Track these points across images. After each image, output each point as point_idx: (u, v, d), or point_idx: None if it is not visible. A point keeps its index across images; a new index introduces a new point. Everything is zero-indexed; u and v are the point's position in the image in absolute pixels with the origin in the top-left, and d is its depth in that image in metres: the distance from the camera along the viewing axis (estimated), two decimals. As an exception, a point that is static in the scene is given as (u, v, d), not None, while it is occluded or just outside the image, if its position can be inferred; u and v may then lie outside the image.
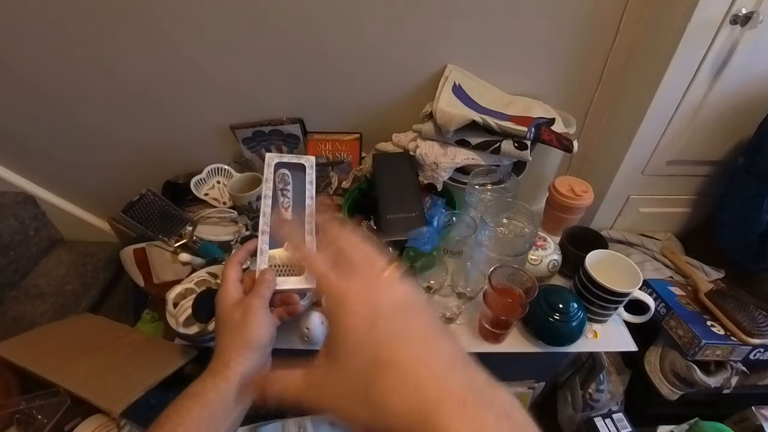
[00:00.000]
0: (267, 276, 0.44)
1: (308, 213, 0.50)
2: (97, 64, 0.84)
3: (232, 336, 0.40)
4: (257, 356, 0.40)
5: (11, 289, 1.03)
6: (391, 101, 0.92)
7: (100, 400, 0.67)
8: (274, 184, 0.51)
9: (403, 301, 0.27)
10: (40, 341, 0.84)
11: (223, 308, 0.42)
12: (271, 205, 0.50)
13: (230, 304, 0.42)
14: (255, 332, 0.40)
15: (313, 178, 0.53)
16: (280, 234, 0.48)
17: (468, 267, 0.73)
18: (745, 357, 0.75)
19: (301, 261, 0.44)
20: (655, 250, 0.96)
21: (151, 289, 0.89)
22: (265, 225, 0.49)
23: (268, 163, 0.52)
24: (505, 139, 0.76)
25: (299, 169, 0.53)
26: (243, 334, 0.39)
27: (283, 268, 0.47)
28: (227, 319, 0.41)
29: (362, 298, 0.27)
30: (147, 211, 0.74)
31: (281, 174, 0.52)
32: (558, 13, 0.77)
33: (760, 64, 0.73)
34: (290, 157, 0.54)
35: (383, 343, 0.24)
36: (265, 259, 0.47)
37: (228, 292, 0.43)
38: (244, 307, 0.41)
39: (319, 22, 0.79)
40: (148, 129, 0.98)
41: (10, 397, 0.72)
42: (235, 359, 0.38)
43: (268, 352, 0.42)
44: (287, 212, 0.51)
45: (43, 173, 1.08)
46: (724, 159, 0.87)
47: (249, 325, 0.40)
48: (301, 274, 0.47)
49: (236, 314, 0.41)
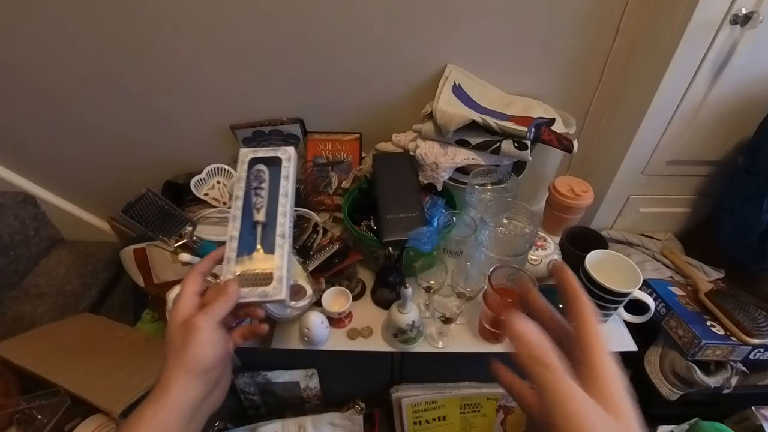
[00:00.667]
0: (228, 288, 0.40)
1: (281, 213, 0.46)
2: (98, 64, 0.84)
3: (174, 358, 0.36)
4: (199, 382, 0.36)
5: (11, 289, 1.03)
6: (391, 101, 0.92)
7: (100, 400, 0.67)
8: (248, 183, 0.47)
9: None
10: (40, 341, 0.84)
11: (170, 325, 0.38)
12: (242, 207, 0.46)
13: (178, 321, 0.38)
14: (195, 356, 0.36)
15: (290, 172, 0.48)
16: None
17: (468, 267, 0.73)
18: (745, 357, 0.75)
19: (533, 354, 0.29)
20: (655, 250, 0.96)
21: (151, 289, 0.89)
22: (234, 230, 0.44)
23: (242, 160, 0.48)
24: (505, 139, 0.76)
25: (277, 163, 0.48)
26: (183, 358, 0.36)
27: (252, 278, 0.43)
28: (171, 338, 0.38)
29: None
30: (147, 211, 0.74)
31: (256, 171, 0.48)
32: (558, 13, 0.77)
33: (760, 64, 0.73)
34: (266, 151, 0.49)
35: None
36: (231, 268, 0.43)
37: (180, 308, 0.39)
38: (187, 327, 0.37)
39: (319, 22, 0.79)
40: (148, 129, 0.98)
41: (10, 397, 0.72)
42: (174, 385, 0.35)
43: (215, 377, 0.38)
44: (260, 213, 0.46)
45: (43, 173, 1.08)
46: (724, 159, 0.87)
47: (189, 347, 0.36)
48: (270, 284, 0.42)
49: (179, 334, 0.37)
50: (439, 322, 0.73)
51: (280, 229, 0.45)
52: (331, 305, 0.72)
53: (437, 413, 0.91)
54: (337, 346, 0.73)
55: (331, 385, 0.92)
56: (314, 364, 0.86)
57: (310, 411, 0.96)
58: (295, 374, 0.87)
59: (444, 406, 0.90)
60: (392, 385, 0.89)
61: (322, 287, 0.75)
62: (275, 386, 0.89)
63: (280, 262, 0.44)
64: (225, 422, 0.94)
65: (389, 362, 0.85)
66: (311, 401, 0.95)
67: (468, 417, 0.92)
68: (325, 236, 0.83)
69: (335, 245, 0.78)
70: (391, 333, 0.71)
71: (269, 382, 0.88)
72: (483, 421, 0.93)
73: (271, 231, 0.46)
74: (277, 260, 0.44)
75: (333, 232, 0.85)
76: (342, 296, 0.75)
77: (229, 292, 0.40)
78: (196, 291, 0.41)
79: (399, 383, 0.89)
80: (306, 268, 0.76)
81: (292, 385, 0.89)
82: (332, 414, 0.92)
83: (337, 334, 0.75)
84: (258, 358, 0.85)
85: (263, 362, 0.86)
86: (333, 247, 0.78)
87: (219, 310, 0.39)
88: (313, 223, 0.81)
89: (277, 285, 0.42)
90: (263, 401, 0.95)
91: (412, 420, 0.91)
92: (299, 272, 0.75)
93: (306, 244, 0.80)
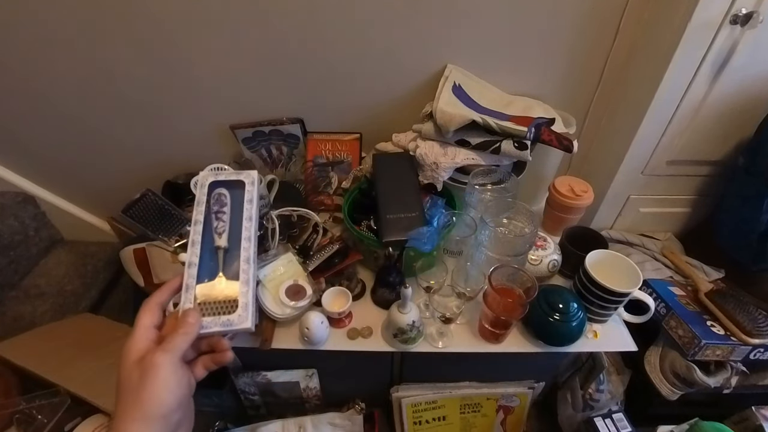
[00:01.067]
0: (189, 319, 0.37)
1: (245, 237, 0.44)
2: (98, 64, 0.84)
3: (128, 401, 0.32)
4: (160, 426, 0.32)
5: (11, 289, 1.03)
6: (391, 101, 0.92)
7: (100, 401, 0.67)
8: (208, 207, 0.45)
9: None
10: (40, 341, 0.84)
11: (124, 363, 0.34)
12: (202, 231, 0.44)
13: (133, 359, 0.34)
14: (156, 398, 0.32)
15: (254, 196, 0.46)
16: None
17: (468, 267, 0.73)
18: (745, 357, 0.75)
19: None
20: (655, 250, 0.96)
21: (151, 289, 0.89)
22: (193, 255, 0.42)
23: (201, 183, 0.46)
24: (505, 139, 0.76)
25: (240, 186, 0.47)
26: (140, 401, 0.32)
27: (214, 306, 0.41)
28: (125, 378, 0.33)
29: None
30: (147, 211, 0.74)
31: (217, 194, 0.46)
32: (558, 13, 0.77)
33: (760, 64, 0.73)
34: (228, 174, 0.47)
35: None
36: (191, 296, 0.40)
37: (134, 343, 0.35)
38: (144, 365, 0.33)
39: (320, 22, 0.79)
40: (148, 129, 0.98)
41: (10, 397, 0.72)
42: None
43: (176, 421, 0.34)
44: (221, 238, 0.44)
45: (43, 173, 1.08)
46: (724, 159, 0.87)
47: (148, 390, 0.32)
48: (234, 312, 0.40)
49: (135, 373, 0.33)
50: (439, 322, 0.73)
51: (245, 254, 0.43)
52: (331, 305, 0.72)
53: (437, 413, 0.91)
54: (337, 346, 0.73)
55: (331, 385, 0.92)
56: (314, 364, 0.86)
57: (310, 411, 0.96)
58: (295, 374, 0.87)
59: (444, 406, 0.90)
60: (392, 385, 0.89)
61: (322, 287, 0.75)
62: (275, 386, 0.89)
63: (245, 287, 0.42)
64: (225, 422, 0.94)
65: (389, 362, 0.85)
66: (311, 401, 0.95)
67: (468, 417, 0.92)
68: (325, 236, 0.83)
69: (335, 245, 0.78)
70: (391, 333, 0.71)
71: (269, 382, 0.88)
72: (483, 421, 0.93)
73: (234, 256, 0.44)
74: (241, 286, 0.42)
75: (333, 232, 0.85)
76: (342, 296, 0.75)
77: (190, 323, 0.37)
78: (153, 323, 0.37)
79: (399, 383, 0.89)
80: (306, 268, 0.76)
81: (292, 385, 0.89)
82: (332, 414, 0.92)
83: (337, 334, 0.75)
84: (258, 358, 0.85)
85: (263, 362, 0.86)
86: (333, 247, 0.78)
87: (180, 344, 0.35)
88: (313, 223, 0.82)
89: (243, 312, 0.40)
90: (263, 401, 0.95)
91: (412, 420, 0.91)
92: (299, 272, 0.75)
93: (306, 244, 0.81)
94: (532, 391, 0.90)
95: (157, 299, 0.39)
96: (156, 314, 0.38)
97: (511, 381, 0.89)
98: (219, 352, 0.39)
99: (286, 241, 0.81)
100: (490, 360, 0.80)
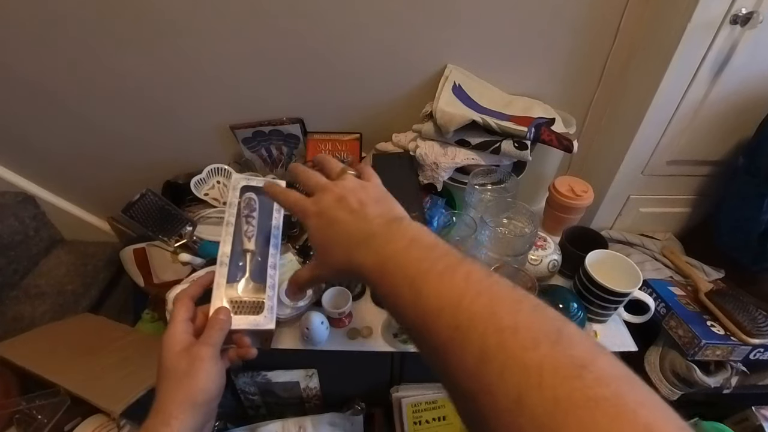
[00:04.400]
0: (221, 316, 0.40)
1: (273, 245, 0.46)
2: (98, 64, 0.84)
3: (176, 388, 0.35)
4: (202, 412, 0.35)
5: (11, 289, 1.03)
6: (391, 101, 0.92)
7: (100, 400, 0.67)
8: (239, 210, 0.47)
9: (339, 197, 0.35)
10: (40, 341, 0.84)
11: (168, 354, 0.37)
12: (233, 233, 0.45)
13: (177, 349, 0.37)
14: (202, 386, 0.36)
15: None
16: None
17: (468, 267, 0.73)
18: (745, 357, 0.75)
19: (274, 196, 0.40)
20: (655, 250, 0.96)
21: (151, 289, 0.89)
22: (225, 256, 0.44)
23: (234, 186, 0.47)
24: (505, 139, 0.76)
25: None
26: (188, 388, 0.35)
27: (242, 305, 0.43)
28: (172, 367, 0.36)
29: (316, 203, 0.35)
30: (147, 211, 0.74)
31: (247, 198, 0.48)
32: (558, 13, 0.77)
33: (760, 64, 0.73)
34: (258, 180, 0.49)
35: (328, 227, 0.34)
36: (221, 294, 0.42)
37: (175, 335, 0.38)
38: (191, 356, 0.36)
39: (320, 22, 0.79)
40: (148, 129, 0.98)
41: (10, 397, 0.72)
42: (177, 416, 0.34)
43: (215, 406, 0.38)
44: (250, 242, 0.46)
45: (43, 173, 1.08)
46: (724, 159, 0.87)
47: (195, 378, 0.35)
48: (260, 313, 0.43)
49: (182, 363, 0.36)
50: (439, 322, 0.73)
51: (272, 260, 0.45)
52: (331, 305, 0.72)
53: (437, 413, 0.91)
54: (337, 346, 0.73)
55: (331, 385, 0.92)
56: (314, 364, 0.86)
57: (310, 411, 0.96)
58: (295, 374, 0.87)
59: (444, 406, 0.90)
60: (392, 385, 0.89)
61: (322, 287, 0.75)
62: (275, 386, 0.89)
63: (271, 292, 0.44)
64: (225, 422, 0.94)
65: (389, 362, 0.85)
66: (311, 401, 0.95)
67: (468, 417, 0.92)
68: (325, 236, 0.82)
69: (335, 245, 0.78)
70: (391, 333, 0.71)
71: (269, 382, 0.88)
72: (483, 421, 0.93)
73: (261, 261, 0.46)
74: (268, 290, 0.44)
75: (333, 232, 0.85)
76: (342, 296, 0.75)
77: (222, 320, 0.40)
78: (188, 317, 0.40)
79: (399, 383, 0.89)
80: (306, 268, 0.76)
81: (292, 385, 0.89)
82: (332, 414, 0.92)
83: (337, 334, 0.75)
84: (258, 358, 0.84)
85: (263, 362, 0.86)
86: (333, 247, 0.78)
87: (217, 339, 0.38)
88: (313, 223, 0.81)
89: (268, 315, 0.43)
90: (263, 401, 0.95)
91: (412, 420, 0.91)
92: (299, 272, 0.75)
93: (306, 244, 0.81)
94: (532, 391, 0.90)
95: (190, 293, 0.42)
96: (190, 308, 0.41)
97: (511, 381, 0.89)
98: (243, 348, 0.42)
99: (286, 241, 0.82)
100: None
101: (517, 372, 0.19)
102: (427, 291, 0.24)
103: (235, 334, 0.42)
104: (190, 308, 0.41)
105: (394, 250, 0.28)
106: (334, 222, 0.33)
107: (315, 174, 0.38)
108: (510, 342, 0.20)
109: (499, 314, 0.21)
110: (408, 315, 0.26)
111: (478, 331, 0.21)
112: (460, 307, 0.22)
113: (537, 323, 0.21)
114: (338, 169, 0.39)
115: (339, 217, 0.33)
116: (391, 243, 0.29)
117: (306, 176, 0.38)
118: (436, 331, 0.23)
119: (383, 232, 0.30)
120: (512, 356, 0.20)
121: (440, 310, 0.23)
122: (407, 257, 0.27)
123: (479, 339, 0.21)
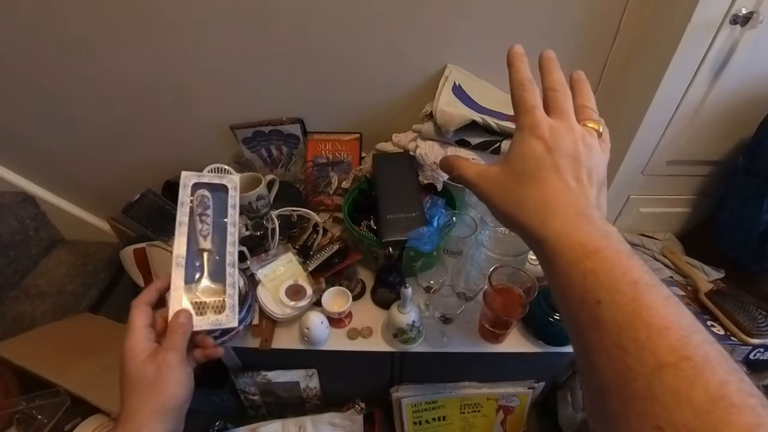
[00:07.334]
0: (181, 319, 0.39)
1: (230, 242, 0.45)
2: (98, 64, 0.84)
3: (145, 397, 0.35)
4: (172, 418, 0.35)
5: (11, 289, 1.03)
6: (391, 101, 0.92)
7: (100, 401, 0.67)
8: (192, 209, 0.46)
9: (577, 152, 0.29)
10: (40, 341, 0.84)
11: (133, 363, 0.36)
12: (187, 233, 0.44)
13: (141, 358, 0.36)
14: (171, 392, 0.35)
15: (237, 201, 0.47)
16: None
17: (468, 267, 0.73)
18: (745, 357, 0.75)
19: (514, 90, 0.34)
20: (655, 250, 0.96)
21: (151, 289, 0.89)
22: (180, 257, 0.43)
23: (184, 184, 0.46)
24: (505, 139, 0.76)
25: (221, 190, 0.48)
26: (157, 396, 0.35)
27: (202, 306, 0.42)
28: (138, 376, 0.35)
29: (553, 132, 0.29)
30: (147, 211, 0.75)
31: (200, 196, 0.46)
32: (558, 13, 0.77)
33: (760, 64, 0.73)
34: (210, 177, 0.48)
35: (546, 169, 0.29)
36: (179, 296, 0.41)
37: (137, 343, 0.37)
38: (157, 364, 0.36)
39: (320, 22, 0.79)
40: (148, 129, 0.98)
41: (10, 397, 0.72)
42: (148, 424, 0.33)
43: (185, 411, 0.37)
44: (206, 241, 0.45)
45: (43, 173, 1.08)
46: (724, 159, 0.87)
47: (164, 385, 0.35)
48: (222, 311, 0.42)
49: (149, 371, 0.36)
50: (439, 322, 0.73)
51: (230, 258, 0.45)
52: (331, 305, 0.72)
53: (437, 413, 0.91)
54: (337, 346, 0.73)
55: (331, 385, 0.92)
56: (314, 364, 0.86)
57: (310, 411, 0.96)
58: (295, 374, 0.87)
59: (444, 406, 0.90)
60: (392, 385, 0.89)
61: (322, 287, 0.75)
62: (275, 386, 0.89)
63: (231, 290, 0.44)
64: (225, 422, 0.94)
65: (389, 362, 0.85)
66: (311, 401, 0.95)
67: (468, 417, 0.92)
68: (325, 236, 0.83)
69: (335, 245, 0.78)
70: (391, 333, 0.71)
71: (269, 382, 0.88)
72: (483, 421, 0.93)
73: (219, 259, 0.45)
74: (228, 289, 0.44)
75: (333, 232, 0.85)
76: (342, 296, 0.75)
77: (183, 323, 0.39)
78: (148, 323, 0.39)
79: (399, 383, 0.89)
80: (306, 268, 0.76)
81: (292, 385, 0.89)
82: (332, 414, 0.92)
83: (337, 334, 0.75)
84: (258, 358, 0.85)
85: (263, 362, 0.86)
86: (333, 247, 0.78)
87: (181, 343, 0.38)
88: (313, 223, 0.82)
89: (230, 313, 0.43)
90: (263, 401, 0.95)
91: (412, 420, 0.91)
92: (299, 272, 0.75)
93: (306, 244, 0.81)
94: (532, 391, 0.90)
95: (146, 299, 0.41)
96: (148, 314, 0.40)
97: (511, 381, 0.89)
98: (207, 348, 0.42)
99: (286, 241, 0.82)
100: (490, 360, 0.80)
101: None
102: (653, 301, 0.22)
103: (197, 335, 0.42)
104: (148, 314, 0.40)
105: (612, 247, 0.25)
106: (556, 170, 0.28)
107: (566, 91, 0.33)
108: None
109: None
110: (611, 308, 0.23)
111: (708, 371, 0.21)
112: (691, 340, 0.21)
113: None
114: (595, 116, 0.32)
115: (563, 174, 0.28)
116: (608, 238, 0.26)
117: (553, 79, 0.34)
118: (654, 348, 0.21)
119: (602, 225, 0.26)
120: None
121: (666, 329, 0.21)
122: (629, 259, 0.24)
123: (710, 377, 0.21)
